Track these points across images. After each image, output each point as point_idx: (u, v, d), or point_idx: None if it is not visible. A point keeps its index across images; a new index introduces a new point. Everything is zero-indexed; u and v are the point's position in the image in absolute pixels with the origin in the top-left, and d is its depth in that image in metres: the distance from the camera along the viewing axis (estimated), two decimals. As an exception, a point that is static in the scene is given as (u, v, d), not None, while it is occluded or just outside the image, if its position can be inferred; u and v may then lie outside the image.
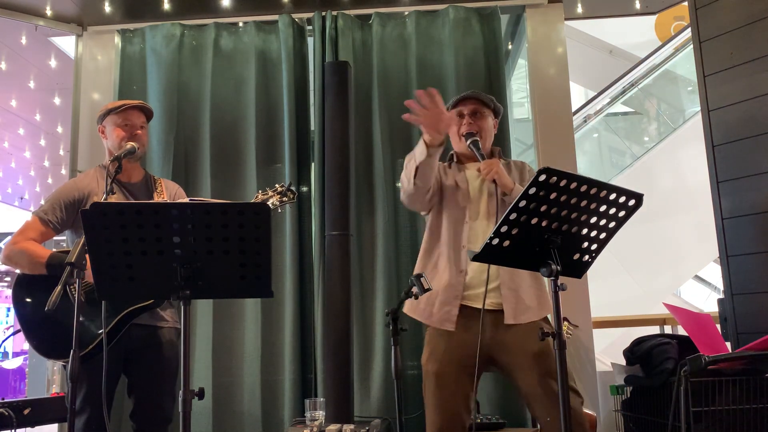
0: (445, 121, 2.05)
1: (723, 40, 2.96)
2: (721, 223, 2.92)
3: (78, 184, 2.44)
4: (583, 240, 1.79)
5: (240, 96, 3.48)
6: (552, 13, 3.53)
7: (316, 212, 3.26)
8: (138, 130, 2.43)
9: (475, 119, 2.33)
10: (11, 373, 9.14)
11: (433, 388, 2.18)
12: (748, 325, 2.76)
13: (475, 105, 2.35)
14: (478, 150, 2.24)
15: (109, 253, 1.64)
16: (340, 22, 3.42)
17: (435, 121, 2.03)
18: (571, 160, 3.32)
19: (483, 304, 2.11)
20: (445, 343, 2.20)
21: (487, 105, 2.36)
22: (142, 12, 3.55)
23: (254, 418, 3.14)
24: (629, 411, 2.83)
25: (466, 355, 2.15)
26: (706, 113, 2.99)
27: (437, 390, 2.17)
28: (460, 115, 2.35)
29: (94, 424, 2.21)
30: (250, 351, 3.20)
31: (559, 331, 1.68)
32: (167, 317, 2.42)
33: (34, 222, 2.35)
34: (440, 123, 2.04)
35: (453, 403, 2.16)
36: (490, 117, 2.37)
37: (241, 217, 1.62)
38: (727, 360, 2.38)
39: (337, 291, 2.95)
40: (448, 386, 2.16)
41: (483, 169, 2.20)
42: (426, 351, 2.26)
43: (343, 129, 3.09)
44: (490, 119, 2.38)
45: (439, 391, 2.17)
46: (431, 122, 2.03)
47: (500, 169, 2.17)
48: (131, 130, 2.41)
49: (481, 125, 2.32)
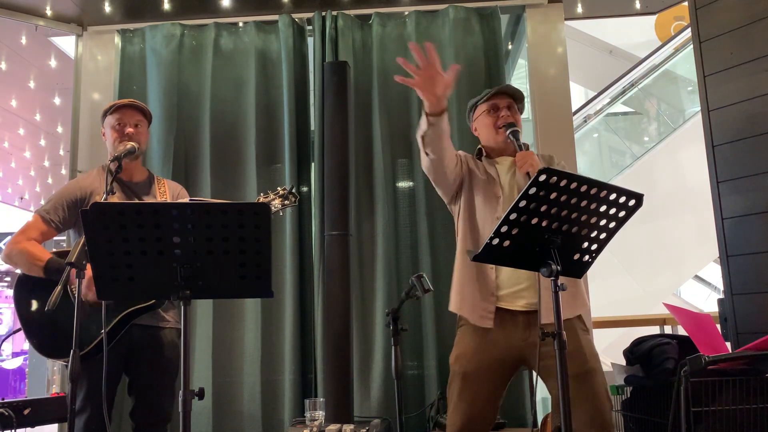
0: (442, 83, 1.90)
1: (723, 40, 2.96)
2: (721, 223, 2.92)
3: (80, 184, 2.45)
4: (583, 240, 1.78)
5: (240, 96, 3.48)
6: (552, 13, 3.53)
7: (316, 212, 3.26)
8: (130, 128, 2.42)
9: (512, 112, 2.30)
10: (11, 373, 9.15)
11: (459, 388, 2.14)
12: (748, 325, 2.76)
13: (510, 100, 2.33)
14: (518, 140, 2.20)
15: (109, 253, 1.64)
16: (340, 22, 3.42)
17: (431, 84, 1.89)
18: (571, 160, 3.32)
19: (538, 298, 1.99)
20: (477, 343, 2.15)
21: (519, 101, 2.36)
22: (142, 12, 3.56)
23: (254, 418, 3.14)
24: (629, 411, 2.83)
25: (497, 357, 2.11)
26: (706, 113, 2.99)
27: (463, 391, 2.13)
28: (494, 107, 2.31)
29: (95, 424, 2.21)
30: (250, 351, 3.20)
31: (560, 331, 1.68)
32: (168, 318, 2.42)
33: (36, 221, 2.36)
34: (437, 85, 1.90)
35: (477, 404, 2.11)
36: (519, 114, 2.37)
37: (241, 217, 1.62)
38: (727, 360, 2.38)
39: (337, 291, 2.95)
40: (474, 387, 2.12)
41: (519, 160, 2.14)
42: (455, 351, 2.21)
43: (343, 129, 3.09)
44: (519, 116, 2.38)
45: (465, 392, 2.13)
46: (427, 84, 1.90)
47: (535, 160, 2.12)
48: (123, 129, 2.41)
49: (517, 119, 2.31)
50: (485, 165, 2.31)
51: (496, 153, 2.35)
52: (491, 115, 2.32)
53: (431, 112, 1.97)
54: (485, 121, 2.33)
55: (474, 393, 2.12)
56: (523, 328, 2.12)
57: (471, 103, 2.44)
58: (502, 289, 2.16)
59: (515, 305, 2.13)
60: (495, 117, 2.31)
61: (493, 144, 2.34)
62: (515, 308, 2.13)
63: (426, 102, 1.95)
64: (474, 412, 2.11)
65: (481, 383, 2.12)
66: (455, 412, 2.14)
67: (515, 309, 2.13)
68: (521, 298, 2.13)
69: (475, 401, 2.12)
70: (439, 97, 1.94)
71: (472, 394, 2.12)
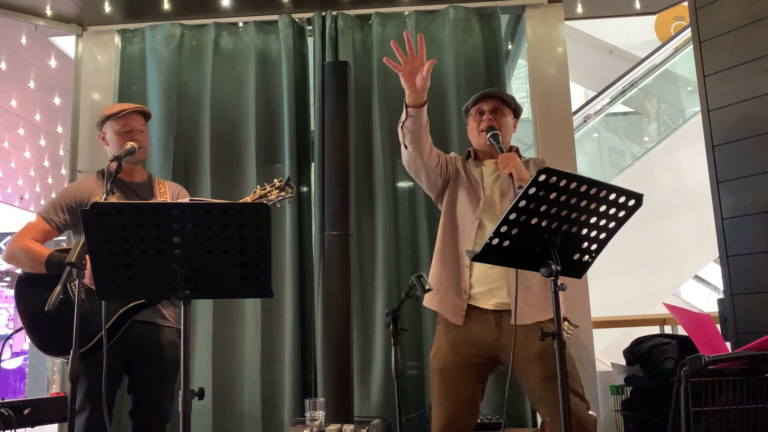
0: (422, 75, 2.02)
1: (723, 40, 2.96)
2: (721, 223, 2.92)
3: (80, 186, 2.48)
4: (583, 240, 1.79)
5: (240, 96, 3.48)
6: (552, 13, 3.53)
7: (316, 212, 3.26)
8: (138, 134, 2.44)
9: (496, 116, 2.34)
10: (11, 373, 9.15)
11: (438, 386, 2.20)
12: (748, 325, 2.76)
13: (495, 103, 2.37)
14: (498, 143, 2.25)
15: (109, 253, 1.64)
16: (340, 22, 3.42)
17: (413, 72, 2.02)
18: (571, 160, 3.32)
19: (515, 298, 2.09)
20: (451, 339, 2.21)
21: (507, 103, 2.38)
22: (142, 12, 3.55)
23: (254, 418, 3.14)
24: (629, 411, 2.83)
25: (470, 353, 2.17)
26: (706, 113, 2.99)
27: (441, 386, 2.19)
28: (480, 111, 2.37)
29: (95, 423, 2.21)
30: (250, 351, 3.20)
31: (559, 331, 1.68)
32: (168, 316, 2.42)
33: (38, 222, 2.39)
34: (417, 76, 2.02)
35: (456, 399, 2.16)
36: (509, 116, 2.39)
37: (241, 217, 1.62)
38: (727, 360, 2.38)
39: (337, 291, 2.95)
40: (451, 383, 2.17)
41: (500, 162, 2.20)
42: (433, 348, 2.28)
43: (343, 129, 3.09)
44: (510, 118, 2.39)
45: (443, 387, 2.18)
46: (409, 72, 2.02)
47: (518, 162, 2.17)
48: (132, 135, 2.42)
49: (501, 122, 2.34)
50: (471, 167, 2.37)
51: (484, 155, 2.41)
52: (476, 118, 2.38)
53: (412, 104, 2.08)
54: (471, 125, 2.41)
55: (452, 390, 2.17)
56: (494, 327, 2.18)
57: (464, 108, 2.50)
58: (474, 287, 2.21)
59: (486, 304, 2.19)
60: (479, 120, 2.37)
61: (479, 147, 2.41)
62: (486, 307, 2.19)
63: (408, 92, 2.07)
64: (455, 410, 2.15)
65: (458, 380, 2.17)
66: (437, 411, 2.19)
67: (486, 308, 2.19)
68: (493, 297, 2.18)
69: (454, 398, 2.16)
70: (419, 88, 2.05)
71: (451, 390, 2.17)
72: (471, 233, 2.23)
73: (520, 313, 2.15)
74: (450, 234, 2.30)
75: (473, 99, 2.42)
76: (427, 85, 2.06)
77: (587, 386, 3.13)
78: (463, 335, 2.19)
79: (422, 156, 2.21)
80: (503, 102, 2.38)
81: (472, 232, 2.23)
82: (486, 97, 2.38)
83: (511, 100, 2.40)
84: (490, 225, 2.23)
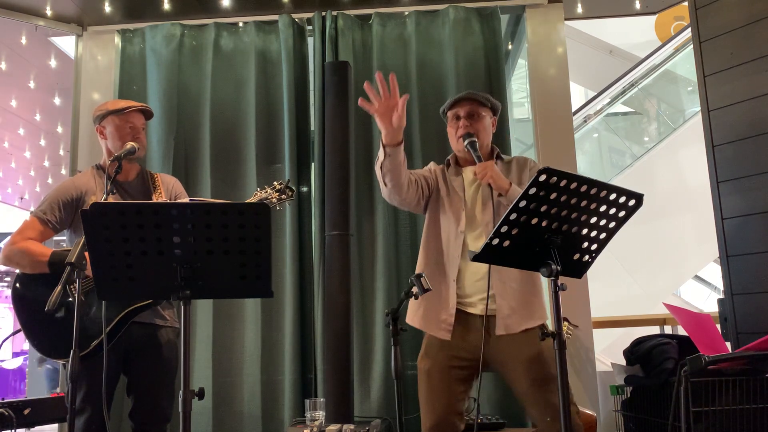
0: (397, 113, 1.98)
1: (723, 40, 2.97)
2: (721, 223, 2.92)
3: (75, 183, 2.44)
4: (583, 240, 1.79)
5: (240, 96, 3.48)
6: (552, 13, 3.53)
7: (316, 212, 3.26)
8: (139, 133, 2.43)
9: (472, 121, 2.30)
10: (11, 373, 9.15)
11: (425, 389, 2.21)
12: (748, 325, 2.76)
13: (470, 106, 2.32)
14: (476, 151, 2.23)
15: (109, 253, 1.64)
16: (340, 22, 3.42)
17: (388, 111, 1.98)
18: (571, 160, 3.32)
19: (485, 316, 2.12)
20: (440, 343, 2.22)
21: (483, 104, 2.34)
22: (142, 12, 3.56)
23: (254, 418, 3.14)
24: (629, 411, 2.83)
25: (455, 355, 2.18)
26: (706, 113, 2.99)
27: (428, 391, 2.20)
28: (456, 117, 2.33)
29: (95, 424, 2.21)
30: (250, 351, 3.20)
31: (559, 331, 1.68)
32: (167, 316, 2.42)
33: (33, 222, 2.35)
34: (392, 114, 1.98)
35: (442, 403, 2.17)
36: (487, 116, 2.34)
37: (241, 217, 1.62)
38: (727, 360, 2.38)
39: (337, 291, 2.94)
40: (436, 385, 2.18)
41: (478, 173, 2.19)
42: (421, 351, 2.29)
43: (343, 129, 3.09)
44: (488, 118, 2.35)
45: (430, 389, 2.19)
46: (384, 112, 1.98)
47: (495, 171, 2.15)
48: (134, 133, 2.41)
49: (478, 126, 2.30)
50: (452, 177, 2.34)
51: (464, 161, 2.38)
52: (453, 124, 2.35)
53: (389, 143, 2.03)
54: (450, 131, 2.37)
55: (437, 392, 2.18)
56: (482, 332, 2.17)
57: (441, 110, 2.45)
58: (462, 297, 2.21)
59: (474, 309, 2.20)
60: (456, 126, 2.33)
61: (458, 152, 2.38)
62: (473, 311, 2.20)
63: (384, 131, 2.02)
64: (441, 412, 2.16)
65: (443, 381, 2.18)
66: (425, 413, 2.19)
67: (473, 312, 2.20)
68: (481, 304, 2.18)
69: (439, 400, 2.17)
70: (395, 128, 2.01)
71: (436, 392, 2.18)
72: (456, 249, 2.23)
73: (506, 322, 2.16)
74: (434, 248, 2.29)
75: (448, 103, 2.38)
76: (404, 124, 2.02)
77: (587, 386, 3.14)
78: (452, 341, 2.20)
79: (401, 193, 2.19)
80: (479, 103, 2.33)
81: (457, 247, 2.23)
82: (460, 101, 2.34)
83: (486, 100, 2.35)
84: (472, 238, 2.23)
